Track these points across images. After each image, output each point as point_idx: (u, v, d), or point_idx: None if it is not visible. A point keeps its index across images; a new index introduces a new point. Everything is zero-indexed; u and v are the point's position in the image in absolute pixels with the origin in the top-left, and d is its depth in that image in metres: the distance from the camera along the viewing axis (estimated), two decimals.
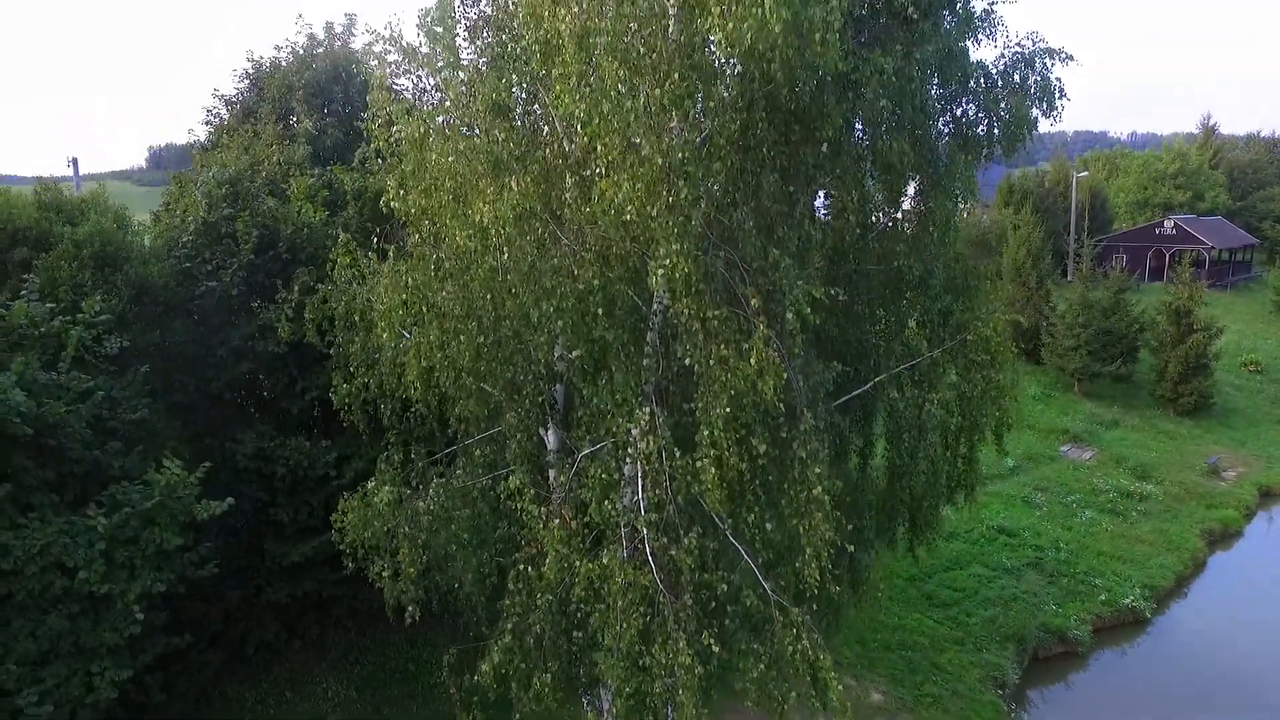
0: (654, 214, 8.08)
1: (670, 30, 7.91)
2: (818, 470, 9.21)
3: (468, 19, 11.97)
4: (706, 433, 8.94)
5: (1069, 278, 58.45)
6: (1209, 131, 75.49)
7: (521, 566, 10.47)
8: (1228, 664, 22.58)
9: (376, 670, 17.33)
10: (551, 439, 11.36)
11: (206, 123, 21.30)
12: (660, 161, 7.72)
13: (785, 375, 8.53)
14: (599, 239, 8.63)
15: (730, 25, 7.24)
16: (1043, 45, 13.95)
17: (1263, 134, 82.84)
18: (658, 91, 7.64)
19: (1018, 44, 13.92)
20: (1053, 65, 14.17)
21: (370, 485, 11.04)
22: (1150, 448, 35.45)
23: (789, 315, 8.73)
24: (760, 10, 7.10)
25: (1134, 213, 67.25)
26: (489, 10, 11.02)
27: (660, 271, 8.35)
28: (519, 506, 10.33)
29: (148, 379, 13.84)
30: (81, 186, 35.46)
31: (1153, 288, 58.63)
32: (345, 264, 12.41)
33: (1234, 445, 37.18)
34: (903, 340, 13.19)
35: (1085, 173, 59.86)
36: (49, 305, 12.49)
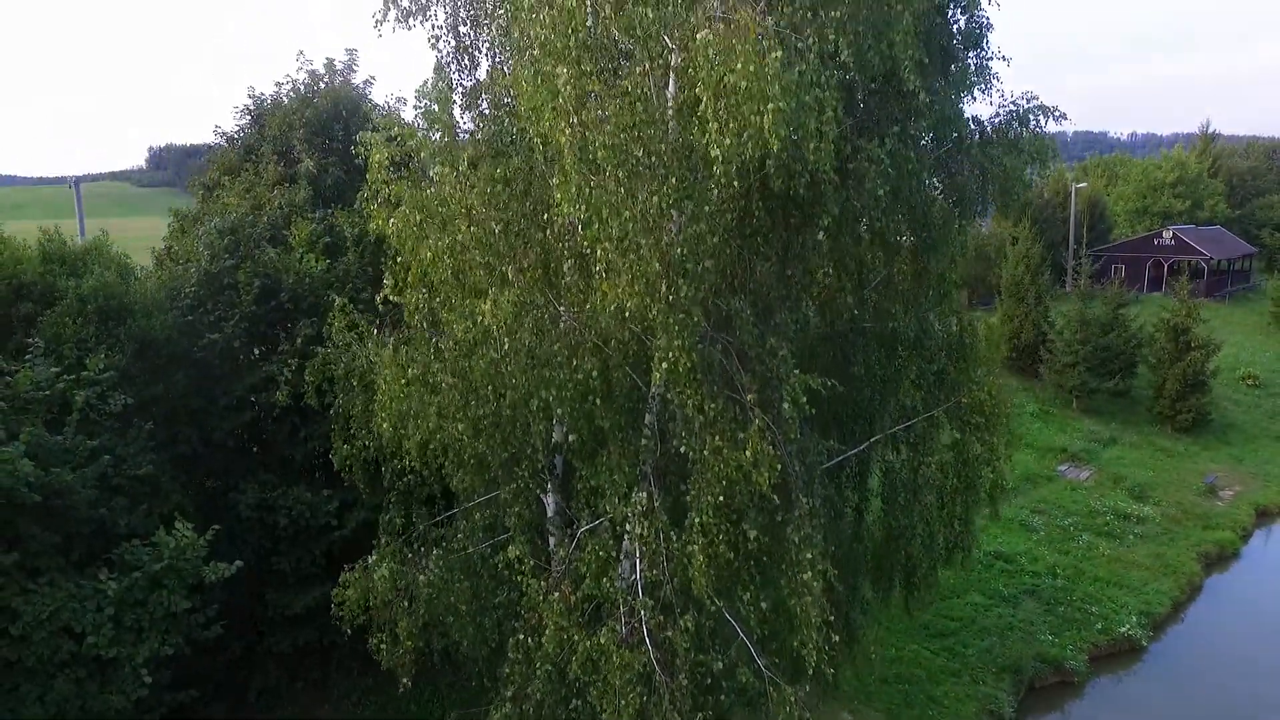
0: (654, 311, 8.23)
1: (668, 133, 8.05)
2: (810, 555, 9.36)
3: (463, 85, 12.13)
4: (697, 520, 9.10)
5: (1068, 289, 58.59)
6: (1207, 140, 75.53)
7: (521, 636, 10.63)
8: (1222, 692, 22.78)
9: (380, 711, 17.50)
10: (551, 505, 11.52)
11: (209, 160, 21.42)
12: (658, 266, 7.87)
13: (779, 466, 8.69)
14: (598, 330, 8.79)
15: (728, 141, 7.38)
16: (1036, 102, 14.14)
17: (1261, 137, 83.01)
18: (655, 198, 7.79)
19: (1012, 101, 14.10)
20: (1045, 122, 14.37)
21: (371, 559, 11.20)
22: (1148, 466, 35.60)
23: (785, 405, 8.88)
24: (759, 122, 7.24)
25: (1133, 221, 67.35)
26: (486, 79, 11.13)
27: (664, 365, 8.49)
28: (519, 579, 10.49)
29: (152, 434, 14.00)
30: (84, 210, 35.56)
31: (1152, 298, 58.78)
32: (342, 327, 12.55)
33: (1231, 462, 37.33)
34: (898, 399, 13.34)
35: (1084, 184, 59.97)
36: (54, 369, 12.63)
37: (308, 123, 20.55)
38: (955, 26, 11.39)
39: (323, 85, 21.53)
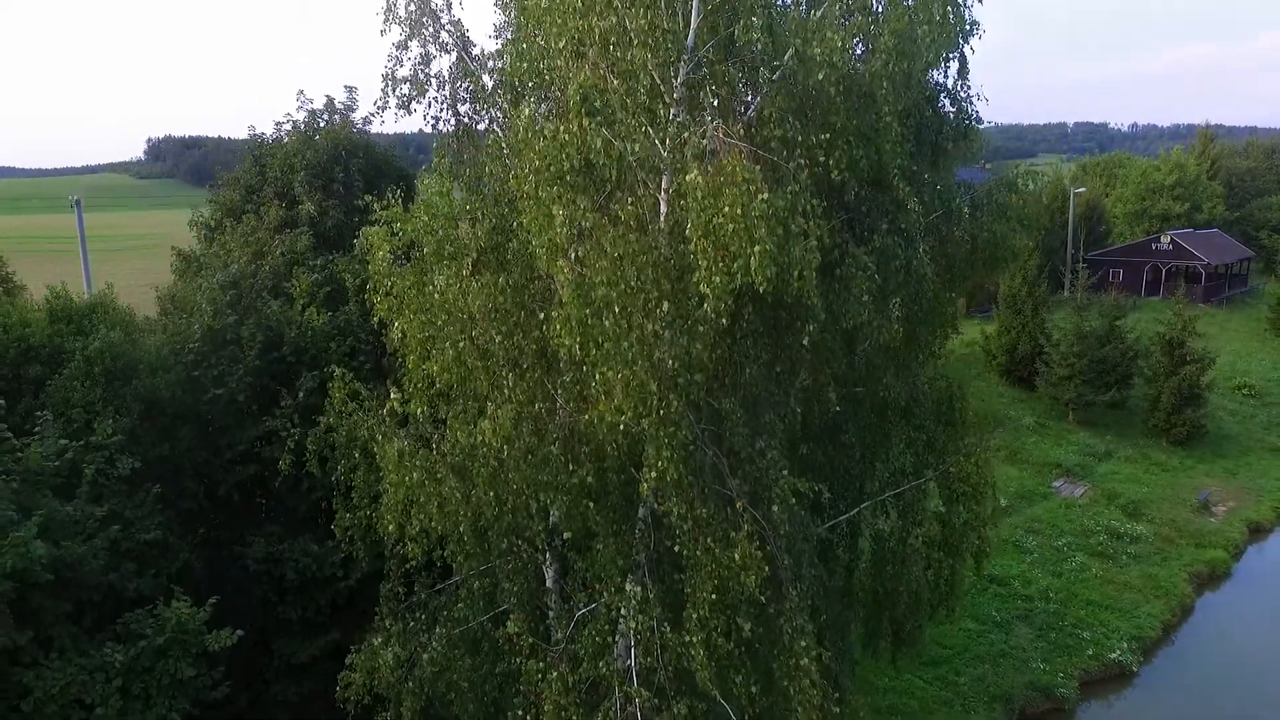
0: (646, 426, 8.52)
1: (661, 257, 8.31)
2: (804, 644, 9.69)
3: (463, 165, 12.38)
4: (694, 615, 9.42)
5: (1066, 293, 58.78)
6: (1207, 140, 75.53)
7: (520, 713, 10.96)
8: (1208, 712, 23.23)
9: None
10: (550, 580, 11.84)
11: (211, 200, 21.65)
12: (654, 386, 8.16)
13: (766, 570, 9.00)
14: (594, 440, 9.08)
15: (718, 280, 7.65)
16: (1027, 166, 14.40)
17: (1261, 129, 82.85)
18: (650, 325, 8.07)
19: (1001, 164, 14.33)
20: (1033, 187, 14.62)
21: (377, 642, 11.52)
22: (1142, 481, 35.93)
23: (775, 508, 9.18)
24: (747, 261, 7.51)
25: (1132, 223, 67.49)
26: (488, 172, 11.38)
27: (653, 474, 8.79)
28: (518, 659, 10.82)
29: (160, 497, 14.31)
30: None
31: (1149, 303, 59.00)
32: (343, 396, 12.83)
33: (1225, 476, 37.67)
34: (887, 463, 13.64)
35: (1082, 189, 60.09)
36: (62, 441, 12.92)
37: (308, 164, 20.76)
38: (945, 115, 11.60)
39: (322, 123, 21.74)
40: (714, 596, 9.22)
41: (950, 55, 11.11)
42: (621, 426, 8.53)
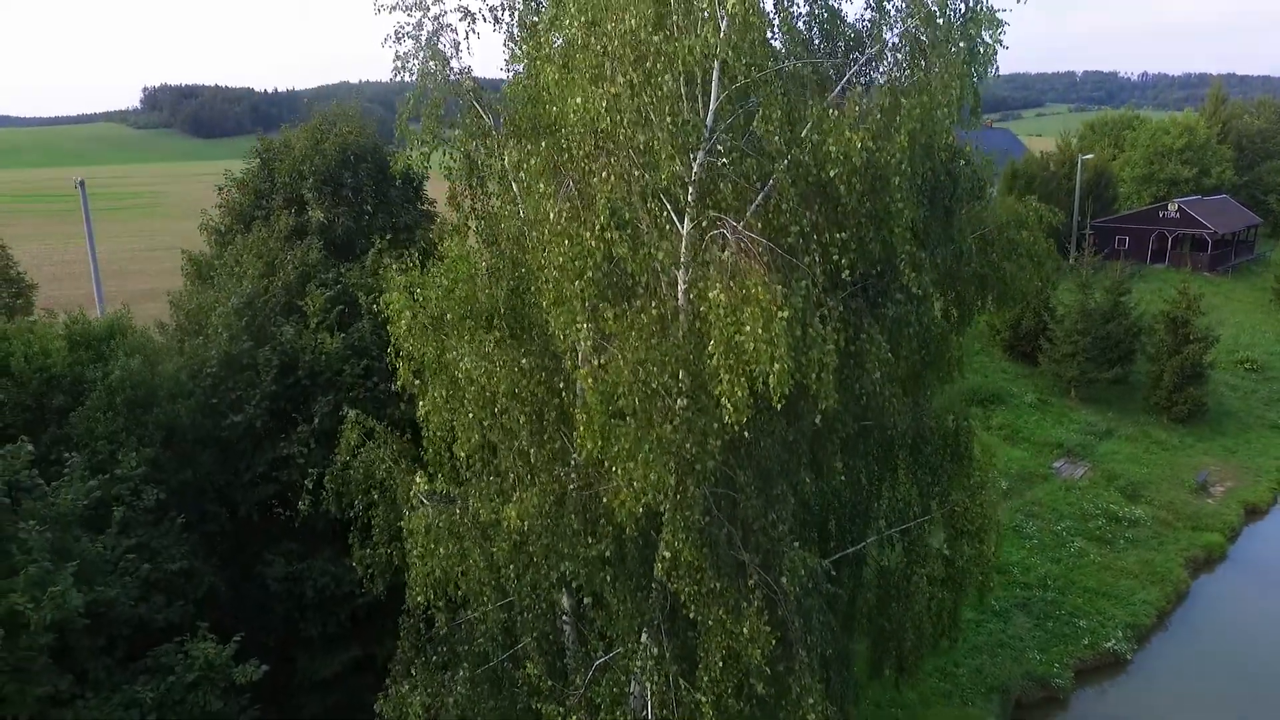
0: (662, 511, 8.82)
1: (680, 359, 8.53)
2: (811, 700, 10.12)
3: (477, 214, 12.49)
4: (705, 677, 9.85)
5: (1070, 260, 58.69)
6: (1218, 100, 74.56)
7: None
8: (1196, 699, 23.97)
9: None
10: (567, 625, 12.26)
11: (220, 205, 21.73)
12: (671, 480, 8.44)
13: (774, 641, 9.38)
14: (613, 520, 9.40)
15: (739, 393, 7.88)
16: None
17: (1274, 77, 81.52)
18: (669, 428, 8.32)
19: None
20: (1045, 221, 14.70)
21: (404, 690, 11.93)
22: (1142, 461, 36.37)
23: (784, 579, 9.53)
24: (765, 370, 7.73)
25: (1139, 188, 67.00)
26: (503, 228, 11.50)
27: (668, 555, 9.12)
28: (537, 703, 11.29)
29: (185, 525, 14.72)
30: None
31: (1155, 270, 58.96)
32: (357, 438, 13.12)
33: (1224, 455, 38.07)
34: (894, 497, 13.97)
35: (1090, 155, 59.57)
36: (91, 483, 13.23)
37: (316, 171, 20.80)
38: (958, 177, 11.65)
39: (331, 128, 21.70)
40: (722, 665, 9.63)
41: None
42: (639, 511, 8.84)
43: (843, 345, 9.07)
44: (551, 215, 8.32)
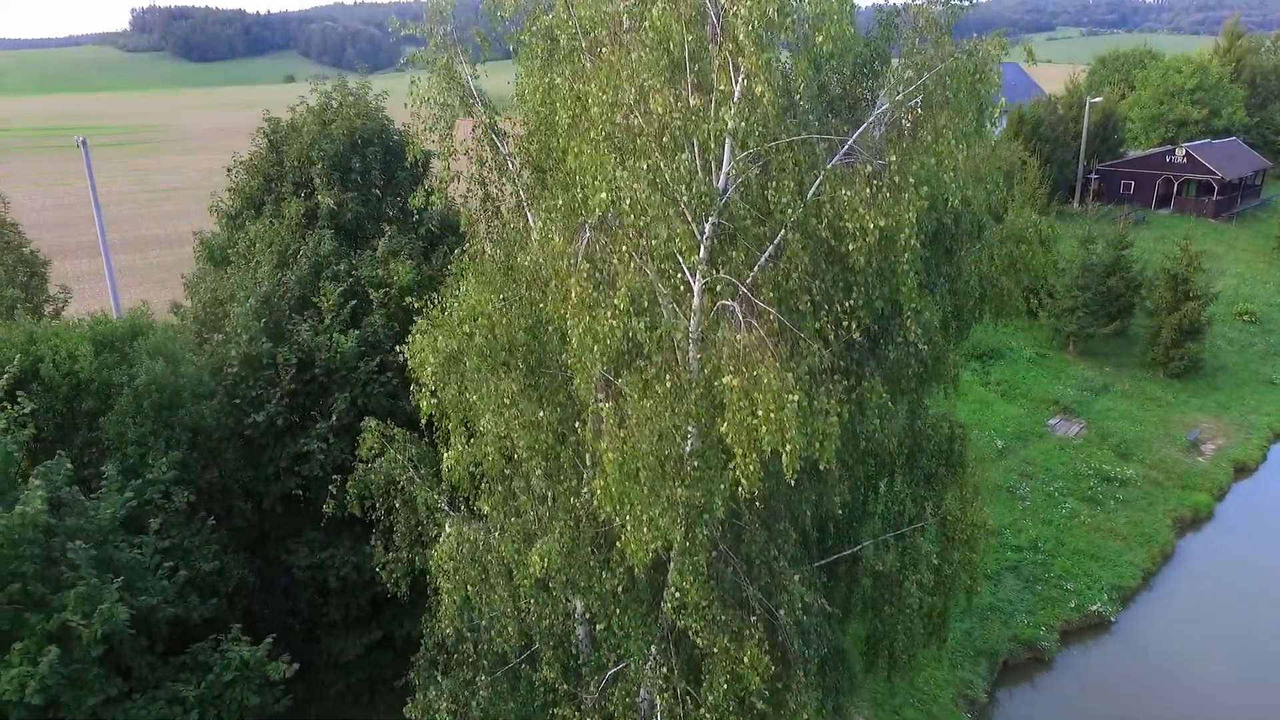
0: (671, 557, 9.46)
1: (690, 442, 9.05)
2: (806, 716, 10.95)
3: (492, 240, 12.84)
4: (710, 697, 10.65)
5: (1076, 205, 58.51)
6: (1233, 37, 72.98)
7: None
8: (1174, 656, 25.20)
9: None
10: (581, 633, 13.05)
11: (230, 188, 21.88)
12: (680, 534, 9.04)
13: (774, 668, 10.14)
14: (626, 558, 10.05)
15: (751, 467, 8.42)
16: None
17: None
18: (680, 487, 8.87)
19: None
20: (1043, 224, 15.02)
21: (430, 695, 12.73)
22: (1136, 419, 37.09)
23: (781, 612, 10.24)
24: (777, 446, 8.25)
25: (1148, 129, 66.23)
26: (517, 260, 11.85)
27: (676, 594, 9.80)
28: (552, 706, 12.15)
29: (215, 525, 15.44)
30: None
31: (1159, 216, 58.80)
32: (378, 443, 13.71)
33: (1218, 411, 38.76)
34: (890, 500, 14.63)
35: (1099, 98, 58.76)
36: (127, 494, 13.87)
37: (325, 155, 20.90)
38: (961, 220, 11.94)
39: (338, 106, 21.70)
40: (725, 688, 10.41)
41: None
42: (649, 557, 9.48)
43: (844, 399, 9.55)
44: (574, 294, 8.71)
